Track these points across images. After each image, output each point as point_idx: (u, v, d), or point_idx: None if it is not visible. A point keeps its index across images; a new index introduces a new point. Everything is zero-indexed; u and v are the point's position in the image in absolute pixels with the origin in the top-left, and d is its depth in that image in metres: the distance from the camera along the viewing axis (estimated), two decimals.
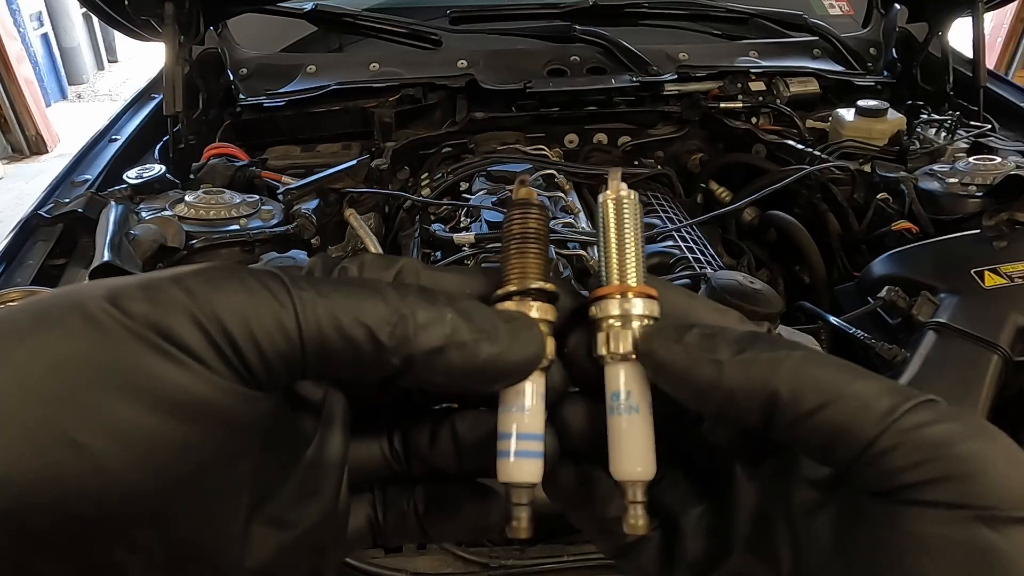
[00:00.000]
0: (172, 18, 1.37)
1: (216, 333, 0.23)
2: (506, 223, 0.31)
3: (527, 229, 0.30)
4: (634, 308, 0.29)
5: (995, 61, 4.69)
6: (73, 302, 0.22)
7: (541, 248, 0.30)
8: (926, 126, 1.42)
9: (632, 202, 0.30)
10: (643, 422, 0.28)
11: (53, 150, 5.05)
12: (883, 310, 1.02)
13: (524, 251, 0.30)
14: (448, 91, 1.61)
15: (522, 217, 0.31)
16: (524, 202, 0.31)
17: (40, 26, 5.78)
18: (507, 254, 0.30)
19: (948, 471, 0.22)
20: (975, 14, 1.57)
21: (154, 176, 1.24)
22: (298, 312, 0.23)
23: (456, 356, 0.25)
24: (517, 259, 0.30)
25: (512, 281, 0.29)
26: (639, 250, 0.30)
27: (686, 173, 1.67)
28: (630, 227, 0.30)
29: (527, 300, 0.29)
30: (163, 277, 0.23)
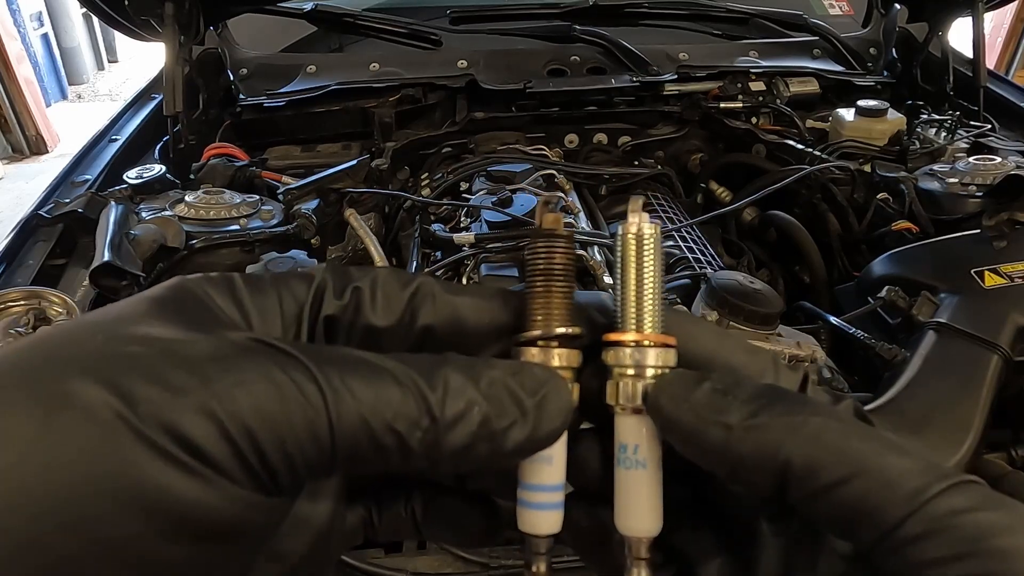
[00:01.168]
0: (172, 18, 1.37)
1: (240, 438, 0.21)
2: (530, 254, 0.29)
3: (553, 265, 0.29)
4: (648, 359, 0.27)
5: (995, 61, 4.69)
6: (73, 393, 0.20)
7: (567, 286, 0.29)
8: (926, 126, 1.42)
9: (654, 239, 0.29)
10: (649, 478, 0.27)
11: (53, 150, 5.05)
12: (883, 310, 1.02)
13: (549, 290, 0.28)
14: (448, 91, 1.61)
15: (547, 251, 0.29)
16: (550, 233, 0.29)
17: (40, 26, 5.78)
18: (532, 291, 0.29)
19: (990, 569, 0.20)
20: (975, 14, 1.57)
21: (154, 176, 1.24)
22: (331, 417, 0.22)
23: (484, 449, 0.24)
24: (542, 299, 0.28)
25: (536, 323, 0.28)
26: (659, 291, 0.28)
27: (686, 173, 1.67)
28: (650, 266, 0.28)
29: (551, 347, 0.28)
30: (178, 363, 0.21)
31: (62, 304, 0.98)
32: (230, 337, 0.23)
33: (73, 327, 0.23)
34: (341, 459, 0.23)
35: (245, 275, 0.27)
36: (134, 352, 0.21)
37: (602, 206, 1.45)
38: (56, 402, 0.20)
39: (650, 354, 0.27)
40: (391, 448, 0.23)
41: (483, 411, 0.24)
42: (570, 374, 0.28)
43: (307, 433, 0.22)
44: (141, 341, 0.22)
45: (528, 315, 0.28)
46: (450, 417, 0.24)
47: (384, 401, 0.23)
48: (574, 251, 0.30)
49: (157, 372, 0.21)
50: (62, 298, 0.99)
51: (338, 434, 0.22)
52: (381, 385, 0.23)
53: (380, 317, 0.27)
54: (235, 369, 0.22)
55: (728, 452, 0.24)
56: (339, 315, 0.27)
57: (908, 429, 0.81)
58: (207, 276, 0.26)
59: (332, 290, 0.27)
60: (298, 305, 0.26)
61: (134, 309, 0.24)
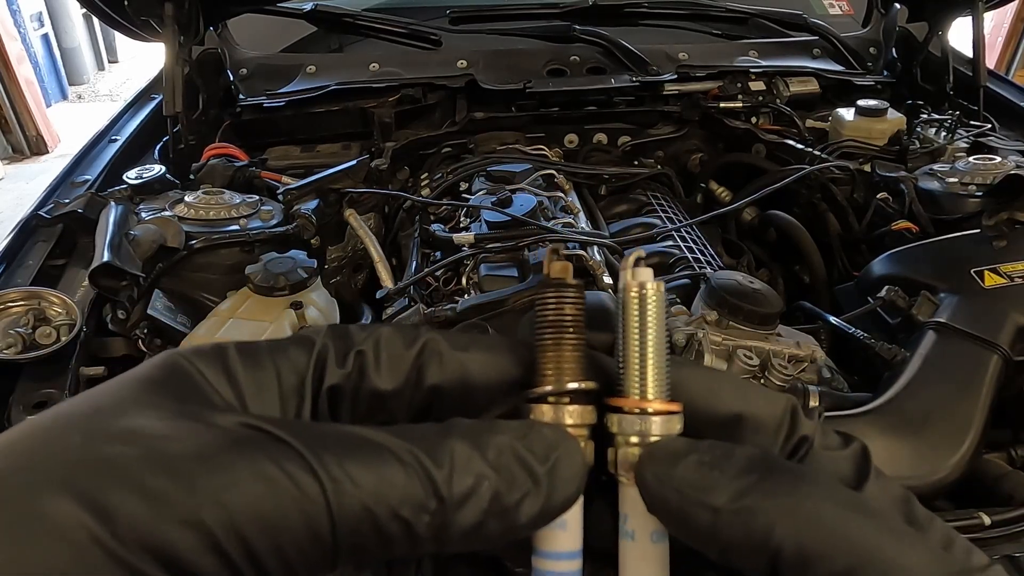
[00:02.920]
0: (172, 18, 1.37)
1: (231, 547, 0.19)
2: (539, 305, 0.29)
3: (563, 317, 0.28)
4: (650, 428, 0.26)
5: (995, 61, 4.68)
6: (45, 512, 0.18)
7: (578, 338, 0.28)
8: (926, 126, 1.42)
9: (657, 297, 0.28)
10: (651, 552, 0.27)
11: (53, 150, 5.05)
12: (883, 310, 1.02)
13: (560, 343, 0.27)
14: (448, 91, 1.61)
15: (557, 302, 0.28)
16: (559, 283, 0.28)
17: (40, 26, 5.78)
18: (542, 345, 0.28)
19: None
20: (975, 14, 1.57)
21: (154, 176, 1.24)
22: (332, 510, 0.20)
23: (495, 526, 0.23)
24: (552, 352, 0.27)
25: (547, 379, 0.27)
26: (663, 352, 0.27)
27: (686, 173, 1.67)
28: (654, 327, 0.27)
29: (563, 403, 0.27)
30: (161, 467, 0.19)
31: (62, 304, 0.98)
32: (220, 424, 0.21)
33: (50, 424, 0.21)
34: (343, 553, 0.21)
35: (241, 346, 0.25)
36: (113, 455, 0.20)
37: (602, 206, 1.45)
38: (27, 523, 0.18)
39: (653, 423, 0.26)
40: (397, 536, 0.22)
41: (493, 485, 0.23)
42: (584, 431, 0.27)
43: (305, 531, 0.20)
44: (123, 438, 0.20)
45: (538, 369, 0.28)
46: (458, 496, 0.22)
47: (388, 485, 0.21)
48: (584, 301, 0.29)
49: (138, 479, 0.19)
50: (62, 298, 0.99)
51: (339, 528, 0.21)
52: (383, 467, 0.22)
53: (385, 380, 0.26)
54: (224, 467, 0.20)
55: (716, 536, 0.23)
56: (343, 384, 0.26)
57: (908, 429, 0.81)
58: (199, 350, 0.25)
59: (334, 357, 0.26)
60: (298, 377, 0.25)
61: (117, 395, 0.22)
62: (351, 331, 0.27)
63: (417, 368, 0.26)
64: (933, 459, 0.79)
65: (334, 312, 1.06)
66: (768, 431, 0.27)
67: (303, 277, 1.01)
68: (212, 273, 1.07)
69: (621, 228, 1.34)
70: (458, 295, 1.07)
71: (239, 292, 1.02)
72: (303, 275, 1.02)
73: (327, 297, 1.07)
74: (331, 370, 0.25)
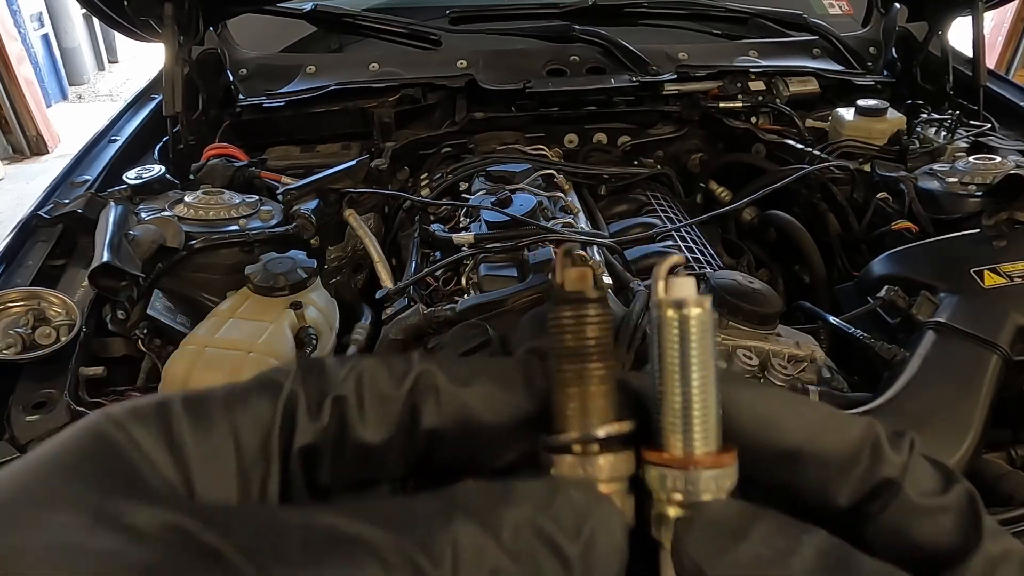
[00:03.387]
0: (172, 19, 1.37)
1: None
2: (554, 327, 0.23)
3: (585, 341, 0.22)
4: (698, 486, 0.21)
5: (995, 61, 4.68)
6: None
7: (606, 367, 0.22)
8: (926, 125, 1.42)
9: (702, 320, 0.22)
10: None
11: (53, 151, 5.05)
12: (883, 310, 1.02)
13: (584, 376, 0.22)
14: (448, 91, 1.61)
15: (577, 323, 0.22)
16: (578, 298, 0.23)
17: (40, 27, 5.78)
18: (562, 378, 0.22)
19: None
20: (975, 13, 1.57)
21: (154, 176, 1.24)
22: None
23: None
24: (575, 387, 0.22)
25: (571, 420, 0.22)
26: (712, 393, 0.22)
27: (686, 173, 1.67)
28: (698, 360, 0.22)
29: (592, 452, 0.22)
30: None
31: (61, 304, 0.98)
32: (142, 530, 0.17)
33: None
34: None
35: (189, 401, 0.20)
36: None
37: (602, 206, 1.45)
38: None
39: (701, 480, 0.22)
40: None
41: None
42: (621, 485, 0.22)
43: None
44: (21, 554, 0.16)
45: (559, 410, 0.23)
46: None
47: None
48: (611, 317, 0.23)
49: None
50: (61, 298, 0.99)
51: None
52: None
53: (372, 431, 0.21)
54: None
55: None
56: (319, 442, 0.21)
57: (908, 429, 0.80)
58: (137, 410, 0.20)
59: (306, 407, 0.21)
60: (261, 435, 0.21)
61: (31, 482, 0.18)
62: (327, 369, 0.22)
63: (410, 409, 0.22)
64: None
65: (334, 312, 1.06)
66: (837, 469, 0.22)
67: (303, 277, 1.01)
68: (212, 273, 1.07)
69: (621, 228, 1.34)
70: (458, 295, 1.07)
71: (239, 292, 1.02)
72: (303, 275, 1.02)
73: (327, 297, 1.07)
74: (303, 425, 0.21)
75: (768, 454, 0.22)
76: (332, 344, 1.01)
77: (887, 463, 0.22)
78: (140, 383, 0.99)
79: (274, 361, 0.90)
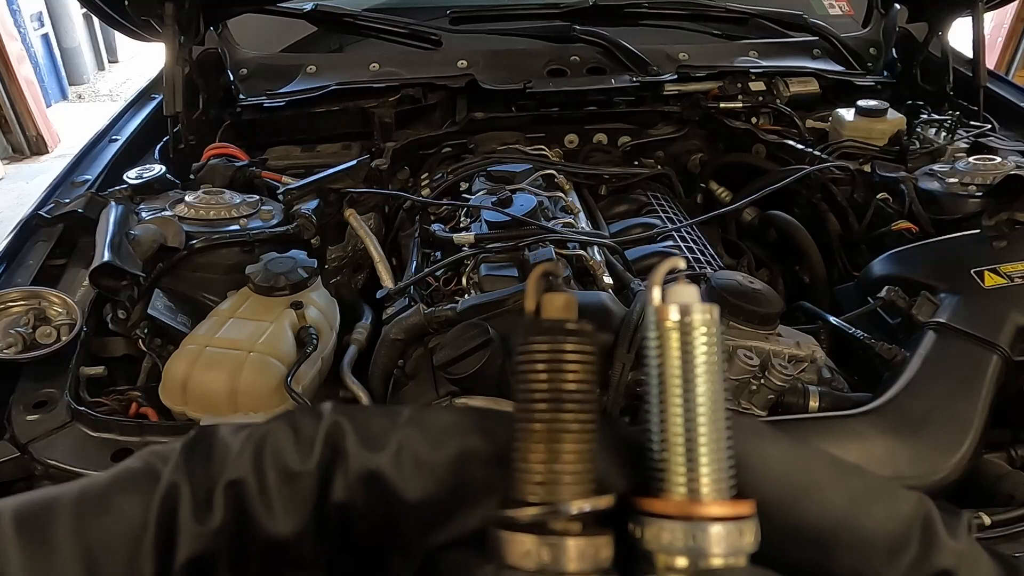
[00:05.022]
0: (172, 18, 1.37)
1: None
2: (524, 365, 0.18)
3: (562, 385, 0.17)
4: (708, 545, 0.16)
5: (995, 61, 4.68)
6: None
7: (586, 420, 0.17)
8: (926, 126, 1.42)
9: (709, 330, 0.18)
10: None
11: (54, 150, 5.05)
12: (883, 310, 1.02)
13: (557, 430, 0.17)
14: (448, 91, 1.61)
15: (553, 360, 0.17)
16: (557, 328, 0.17)
17: (40, 26, 5.78)
18: (527, 428, 0.17)
19: None
20: (975, 14, 1.57)
21: (154, 176, 1.24)
22: None
23: None
24: (544, 443, 0.17)
25: (535, 490, 0.17)
26: (722, 424, 0.17)
27: (686, 173, 1.67)
28: (706, 381, 0.17)
29: (559, 533, 0.16)
30: None
31: (62, 304, 0.98)
32: None
33: None
34: None
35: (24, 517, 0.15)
36: None
37: (602, 206, 1.45)
38: None
39: (712, 536, 0.16)
40: None
41: None
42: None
43: None
44: None
45: (520, 473, 0.17)
46: None
47: None
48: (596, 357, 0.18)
49: None
50: (62, 298, 0.99)
51: None
52: None
53: (283, 519, 0.16)
54: None
55: None
56: (212, 548, 0.16)
57: (908, 429, 0.81)
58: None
59: (191, 504, 0.16)
60: (126, 552, 0.15)
61: None
62: (215, 445, 0.16)
63: (320, 483, 0.17)
64: (933, 459, 0.79)
65: (334, 312, 1.06)
66: (882, 555, 0.17)
67: (303, 277, 1.01)
68: (212, 273, 1.07)
69: (621, 228, 1.34)
70: (458, 295, 1.07)
71: (239, 292, 1.02)
72: (303, 275, 1.02)
73: (327, 297, 1.07)
74: (188, 529, 0.16)
75: (798, 529, 0.17)
76: (332, 344, 1.01)
77: (942, 550, 0.17)
78: (140, 383, 0.99)
79: (275, 361, 0.90)
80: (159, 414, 0.90)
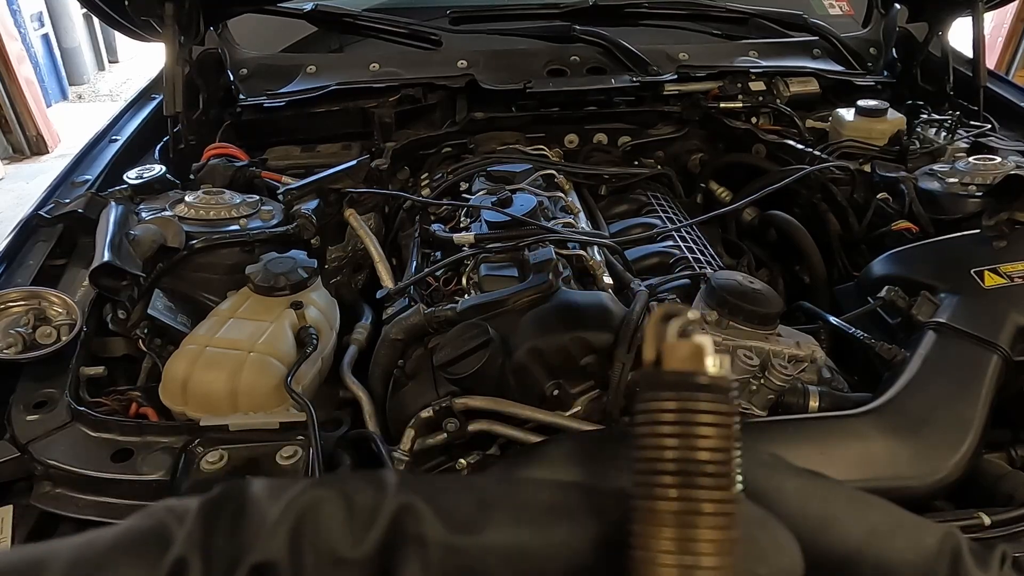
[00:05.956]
0: (172, 18, 1.37)
1: None
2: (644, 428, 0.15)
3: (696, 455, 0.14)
4: None
5: (995, 61, 4.68)
6: None
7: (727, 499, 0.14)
8: (926, 126, 1.42)
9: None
10: None
11: (54, 150, 5.05)
12: (883, 310, 1.02)
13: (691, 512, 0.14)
14: (448, 91, 1.61)
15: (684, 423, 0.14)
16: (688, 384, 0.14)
17: (41, 26, 5.78)
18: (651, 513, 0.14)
19: None
20: (975, 14, 1.57)
21: (154, 176, 1.24)
22: None
23: None
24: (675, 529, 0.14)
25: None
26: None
27: (686, 173, 1.67)
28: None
29: None
30: None
31: (62, 304, 0.98)
32: None
33: None
34: None
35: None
36: None
37: (602, 206, 1.45)
38: None
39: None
40: None
41: None
42: None
43: None
44: None
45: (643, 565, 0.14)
46: None
47: None
48: (738, 417, 0.15)
49: None
50: (62, 298, 0.99)
51: None
52: None
53: None
54: None
55: None
56: None
57: (908, 429, 0.81)
58: None
59: None
60: None
61: None
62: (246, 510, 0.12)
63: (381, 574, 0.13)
64: (933, 459, 0.79)
65: (335, 312, 1.06)
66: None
67: (303, 277, 1.01)
68: (212, 273, 1.07)
69: (621, 228, 1.34)
70: (458, 295, 1.07)
71: (239, 292, 1.02)
72: (303, 275, 1.02)
73: (327, 297, 1.07)
74: None
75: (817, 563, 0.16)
76: (332, 344, 1.01)
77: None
78: (140, 383, 0.99)
79: (275, 361, 0.90)
80: (159, 414, 0.90)
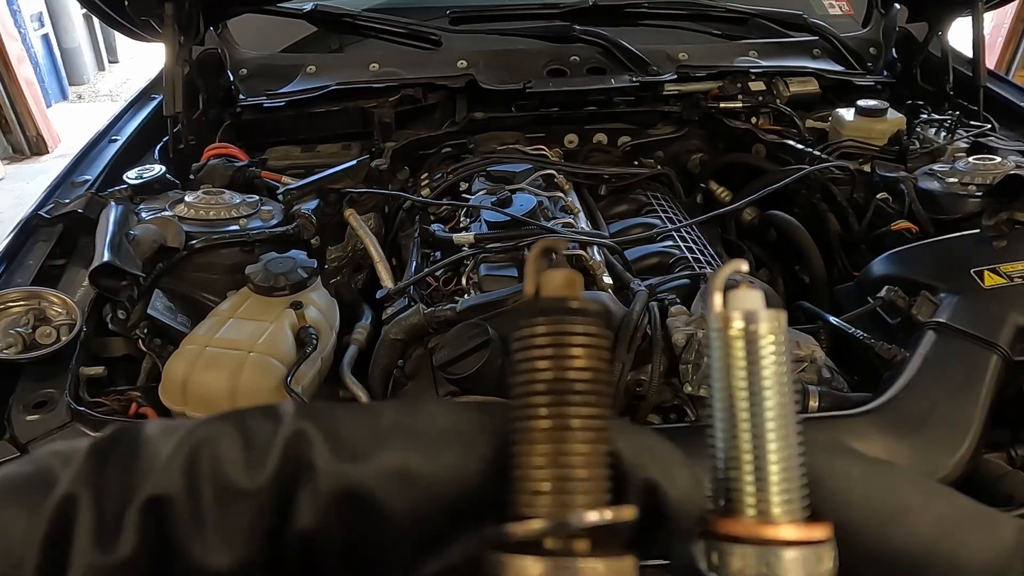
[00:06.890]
0: (172, 19, 1.37)
1: None
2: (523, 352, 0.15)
3: (568, 373, 0.14)
4: (784, 570, 0.14)
5: (995, 61, 4.68)
6: None
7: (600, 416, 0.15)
8: (926, 126, 1.42)
9: (777, 338, 0.16)
10: None
11: (54, 150, 5.05)
12: (883, 310, 1.02)
13: (565, 430, 0.14)
14: (448, 91, 1.61)
15: (558, 344, 0.14)
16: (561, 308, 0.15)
17: (41, 27, 5.78)
18: (528, 432, 0.14)
19: None
20: (975, 14, 1.57)
21: (154, 176, 1.24)
22: None
23: None
24: (550, 447, 0.14)
25: (541, 502, 0.14)
26: (793, 438, 0.16)
27: (686, 173, 1.67)
28: (774, 393, 0.16)
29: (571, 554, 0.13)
30: None
31: (62, 304, 0.98)
32: None
33: None
34: None
35: None
36: None
37: (602, 206, 1.45)
38: None
39: (787, 561, 0.14)
40: None
41: None
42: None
43: None
44: None
45: (523, 483, 0.14)
46: None
47: None
48: (608, 339, 0.16)
49: None
50: (62, 298, 0.99)
51: None
52: None
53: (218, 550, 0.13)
54: None
55: None
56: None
57: (908, 429, 0.81)
58: None
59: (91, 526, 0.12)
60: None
61: None
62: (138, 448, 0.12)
63: (277, 505, 0.13)
64: (933, 459, 0.79)
65: (334, 312, 1.06)
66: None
67: (303, 277, 1.01)
68: (212, 273, 1.07)
69: (621, 228, 1.34)
70: (458, 295, 1.07)
71: (239, 292, 1.02)
72: (303, 275, 1.02)
73: (327, 297, 1.07)
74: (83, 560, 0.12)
75: (883, 557, 0.15)
76: (332, 344, 1.01)
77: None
78: (140, 383, 0.99)
79: (275, 361, 0.90)
80: (159, 414, 0.90)
